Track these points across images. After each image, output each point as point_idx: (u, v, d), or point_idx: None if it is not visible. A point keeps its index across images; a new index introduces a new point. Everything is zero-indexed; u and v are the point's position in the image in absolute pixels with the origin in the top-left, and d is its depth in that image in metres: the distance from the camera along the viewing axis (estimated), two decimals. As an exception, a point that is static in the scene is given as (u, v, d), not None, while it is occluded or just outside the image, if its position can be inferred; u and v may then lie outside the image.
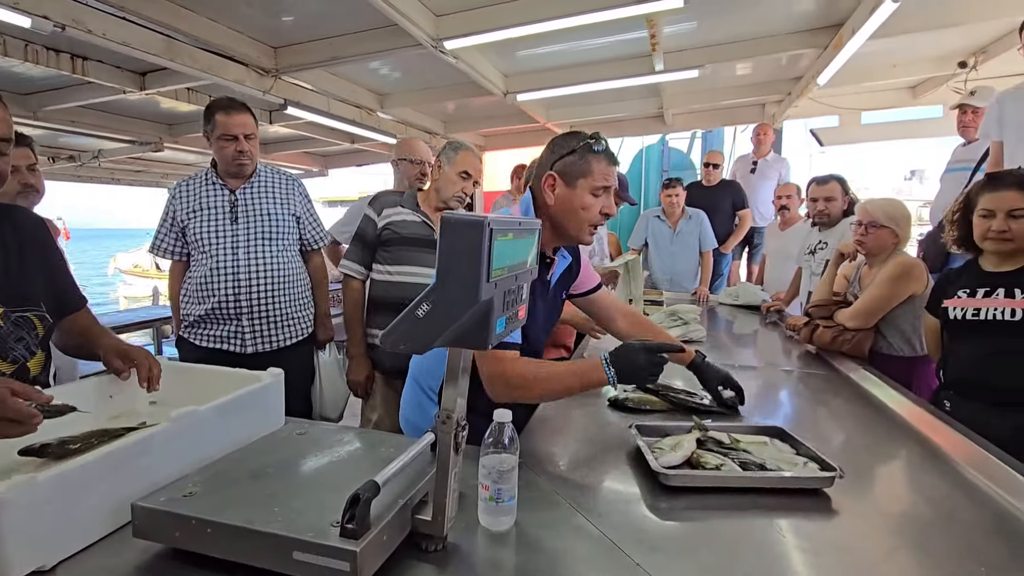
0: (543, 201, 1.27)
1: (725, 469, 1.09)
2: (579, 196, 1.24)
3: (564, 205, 1.25)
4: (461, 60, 3.41)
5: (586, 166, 1.23)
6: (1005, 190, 1.65)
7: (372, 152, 7.07)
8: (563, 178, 1.25)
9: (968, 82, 4.00)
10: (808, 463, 1.13)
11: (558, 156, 1.25)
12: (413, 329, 0.66)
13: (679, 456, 1.13)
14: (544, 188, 1.26)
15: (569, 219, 1.26)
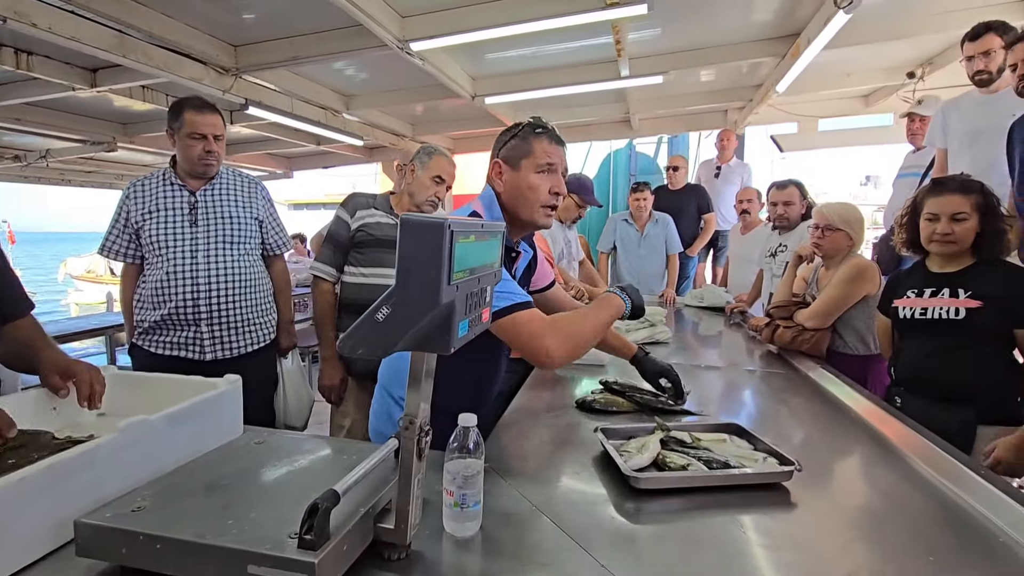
0: (496, 190, 1.27)
1: (692, 468, 1.10)
2: (524, 177, 1.23)
3: (512, 189, 1.25)
4: (428, 62, 3.39)
5: (527, 147, 1.23)
6: (948, 195, 1.73)
7: (338, 154, 6.96)
8: (508, 163, 1.25)
9: (916, 92, 4.20)
10: (767, 458, 1.16)
11: (502, 144, 1.26)
12: (372, 333, 0.64)
13: (646, 458, 1.14)
14: (493, 177, 1.26)
15: (520, 203, 1.25)
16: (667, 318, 2.97)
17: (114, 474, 0.87)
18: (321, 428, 3.42)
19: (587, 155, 7.61)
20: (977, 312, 1.65)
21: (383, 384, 1.46)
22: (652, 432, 1.26)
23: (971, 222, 1.69)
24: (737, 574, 0.83)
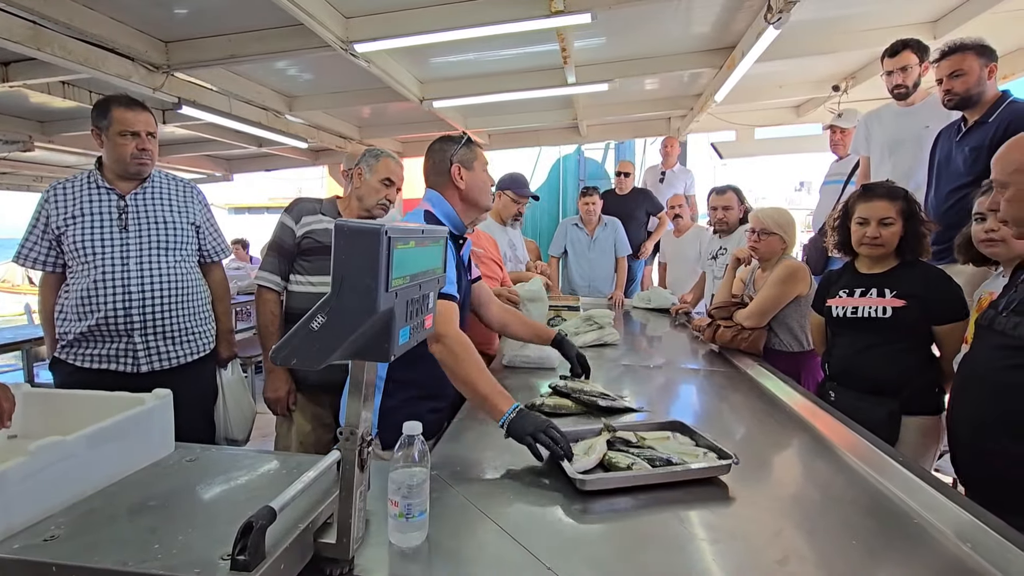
0: (454, 189, 1.58)
1: (636, 467, 1.13)
2: (479, 175, 1.60)
3: (472, 185, 1.59)
4: (374, 64, 3.33)
5: (473, 153, 1.60)
6: (877, 200, 1.85)
7: (282, 156, 6.73)
8: (464, 166, 1.58)
9: (840, 104, 4.48)
10: (707, 453, 1.20)
11: (452, 152, 1.58)
12: (307, 343, 0.62)
13: (593, 460, 1.15)
14: (455, 178, 1.57)
15: (480, 194, 1.61)
16: (616, 320, 3.03)
17: (24, 502, 0.80)
18: (267, 442, 3.29)
19: (537, 160, 7.69)
20: (902, 310, 1.76)
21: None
22: (599, 434, 1.28)
23: (896, 226, 1.81)
24: (679, 569, 0.85)
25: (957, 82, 2.20)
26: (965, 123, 2.27)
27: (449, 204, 1.57)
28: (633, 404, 1.64)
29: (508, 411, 1.22)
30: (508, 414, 1.22)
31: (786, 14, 2.48)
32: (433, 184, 1.61)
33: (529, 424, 1.19)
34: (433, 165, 1.60)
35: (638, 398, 1.76)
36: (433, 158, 1.60)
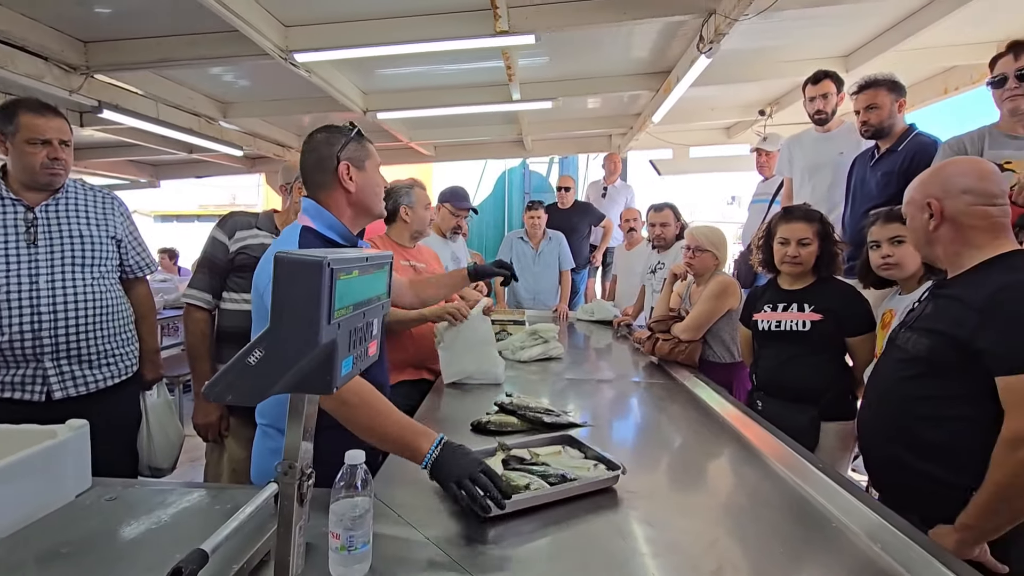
0: (342, 192, 1.32)
1: (534, 486, 1.13)
2: (372, 176, 1.36)
3: (364, 187, 1.34)
4: (315, 74, 3.26)
5: (365, 150, 1.35)
6: (796, 222, 2.00)
7: (214, 163, 6.42)
8: (354, 165, 1.32)
9: (766, 127, 4.80)
10: (597, 464, 1.23)
11: (339, 147, 1.31)
12: (243, 378, 0.60)
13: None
14: (343, 179, 1.31)
15: (372, 198, 1.37)
16: (560, 333, 3.08)
17: (-88, 556, 0.73)
18: (195, 467, 3.10)
19: (483, 173, 7.74)
20: (819, 324, 1.91)
21: (266, 420, 1.36)
22: (494, 454, 1.29)
23: (813, 246, 1.96)
24: (620, 585, 0.87)
25: (872, 115, 2.42)
26: (878, 150, 2.49)
27: (332, 213, 1.30)
28: (577, 419, 1.67)
29: (431, 449, 1.07)
30: (431, 453, 1.07)
31: (716, 44, 2.65)
32: (315, 186, 1.32)
33: (456, 467, 1.04)
34: (315, 162, 1.31)
35: (582, 412, 1.80)
36: (316, 153, 1.31)
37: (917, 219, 1.30)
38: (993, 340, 1.10)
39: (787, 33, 3.31)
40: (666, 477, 1.39)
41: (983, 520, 1.08)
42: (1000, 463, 1.07)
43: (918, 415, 1.23)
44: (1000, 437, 1.07)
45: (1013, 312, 1.10)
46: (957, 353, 1.16)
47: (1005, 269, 1.17)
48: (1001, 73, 1.92)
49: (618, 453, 1.55)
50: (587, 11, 2.66)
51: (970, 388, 1.14)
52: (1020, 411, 1.06)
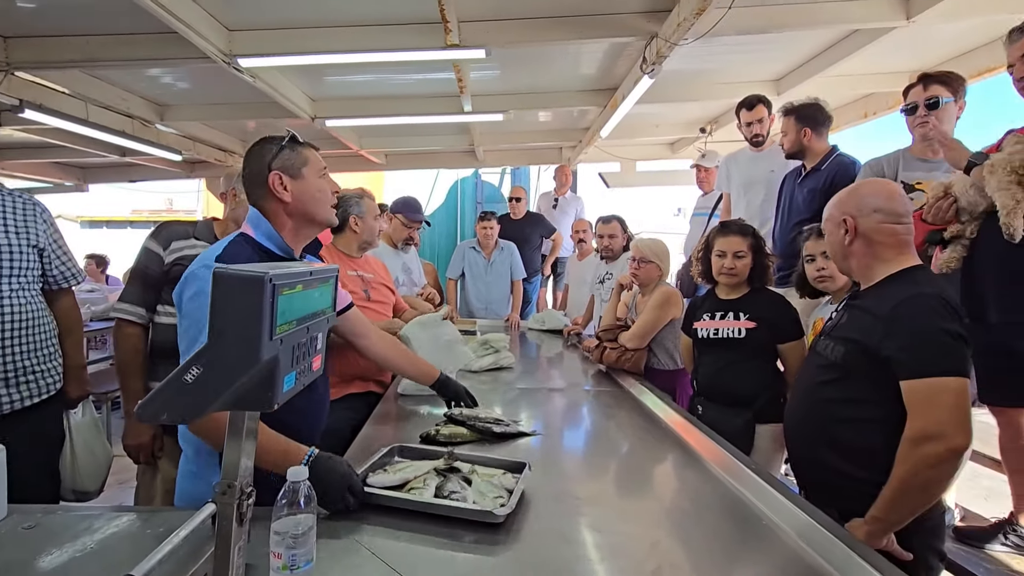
0: (278, 203, 1.28)
1: (415, 493, 1.15)
2: (311, 183, 1.29)
3: (302, 195, 1.28)
4: (260, 80, 3.18)
5: (302, 157, 1.29)
6: (732, 236, 2.11)
7: (149, 167, 6.11)
8: (287, 173, 1.27)
9: (706, 144, 5.04)
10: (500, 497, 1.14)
11: (271, 157, 1.27)
12: (179, 396, 0.58)
13: (395, 479, 1.18)
14: (275, 190, 1.26)
15: (313, 206, 1.30)
16: (512, 342, 3.11)
17: None
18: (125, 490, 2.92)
19: (435, 182, 7.71)
20: (753, 331, 2.02)
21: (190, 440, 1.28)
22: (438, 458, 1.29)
23: (748, 259, 2.08)
24: (565, 591, 0.90)
25: (784, 140, 2.67)
26: (804, 169, 2.67)
27: (273, 224, 1.27)
28: (528, 428, 1.69)
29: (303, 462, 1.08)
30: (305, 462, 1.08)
31: (658, 66, 2.78)
32: (254, 198, 1.29)
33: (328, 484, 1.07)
34: (249, 176, 1.28)
35: (534, 421, 1.82)
36: (250, 166, 1.28)
37: (835, 235, 1.40)
38: (896, 348, 1.20)
39: (724, 57, 3.51)
40: (613, 483, 1.44)
41: (889, 512, 1.17)
42: (903, 460, 1.16)
43: (835, 417, 1.33)
44: (904, 435, 1.17)
45: (913, 322, 1.20)
46: (867, 359, 1.26)
47: (907, 283, 1.29)
48: (913, 102, 2.11)
49: (568, 460, 1.60)
50: (536, 29, 2.73)
51: (879, 392, 1.24)
52: (921, 412, 1.16)
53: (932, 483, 1.15)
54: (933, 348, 1.17)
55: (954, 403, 1.14)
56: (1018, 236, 1.56)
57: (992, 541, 1.84)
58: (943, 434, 1.12)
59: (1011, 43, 1.70)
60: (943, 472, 1.14)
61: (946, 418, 1.13)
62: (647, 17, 2.68)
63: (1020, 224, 1.56)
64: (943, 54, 3.41)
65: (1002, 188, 1.58)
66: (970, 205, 1.72)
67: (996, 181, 1.59)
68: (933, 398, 1.15)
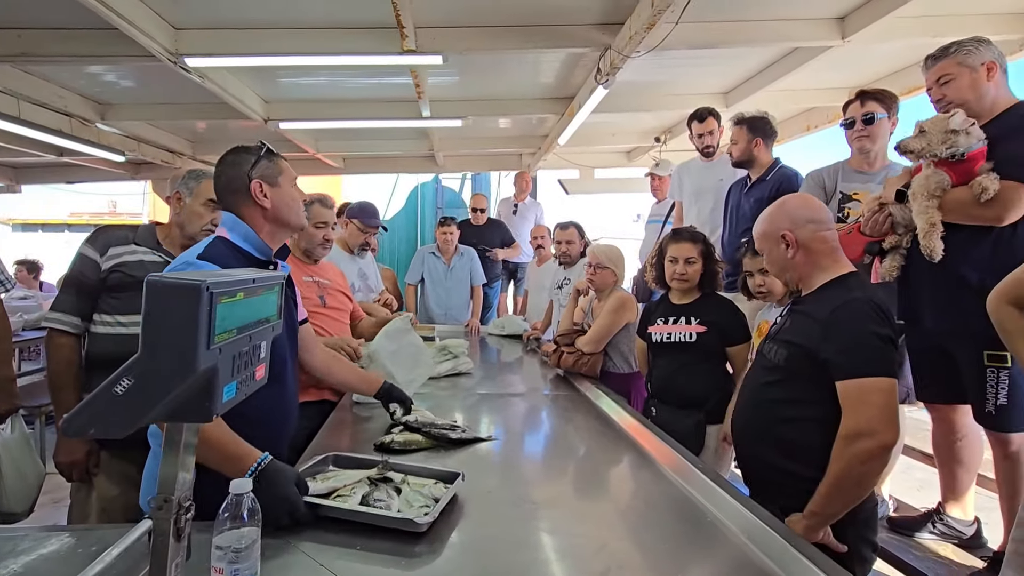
0: (258, 209, 1.37)
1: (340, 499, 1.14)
2: (286, 191, 1.41)
3: (279, 202, 1.39)
4: (210, 80, 3.08)
5: (277, 167, 1.41)
6: (683, 242, 2.18)
7: (88, 168, 5.80)
8: (267, 182, 1.38)
9: (660, 153, 5.19)
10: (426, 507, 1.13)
11: (249, 167, 1.37)
12: (109, 409, 0.56)
13: (322, 487, 1.17)
14: (256, 197, 1.36)
15: (288, 212, 1.42)
16: (472, 347, 3.11)
17: None
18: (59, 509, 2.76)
19: (394, 187, 7.63)
20: (704, 335, 2.09)
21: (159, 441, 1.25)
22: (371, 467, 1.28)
23: (698, 264, 2.15)
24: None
25: (733, 148, 2.80)
26: (750, 179, 2.79)
27: (249, 226, 1.36)
28: (484, 434, 1.70)
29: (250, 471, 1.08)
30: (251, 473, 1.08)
31: (612, 77, 2.85)
32: (228, 204, 1.37)
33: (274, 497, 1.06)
34: (227, 183, 1.37)
35: (495, 426, 1.83)
36: (226, 174, 1.37)
37: (775, 251, 1.46)
38: (833, 350, 1.27)
39: (676, 70, 3.63)
40: (568, 486, 1.46)
41: (826, 506, 1.24)
42: (838, 456, 1.23)
43: (778, 417, 1.39)
44: (839, 433, 1.24)
45: (847, 326, 1.28)
46: (808, 362, 1.33)
47: (842, 289, 1.37)
48: (851, 117, 2.24)
49: (524, 465, 1.62)
50: (492, 37, 2.75)
51: (818, 392, 1.31)
52: (854, 411, 1.23)
53: (864, 477, 1.22)
54: (866, 351, 1.25)
55: (884, 402, 1.21)
56: (937, 256, 1.67)
57: (921, 530, 1.96)
58: (874, 431, 1.19)
59: (927, 69, 1.83)
60: (874, 466, 1.21)
61: (876, 416, 1.20)
62: (601, 29, 2.75)
63: (937, 245, 1.67)
64: (878, 71, 3.63)
65: (920, 212, 1.70)
66: (904, 220, 1.84)
67: (917, 206, 1.71)
68: (865, 397, 1.22)
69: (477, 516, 1.15)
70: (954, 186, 1.68)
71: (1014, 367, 1.67)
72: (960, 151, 1.63)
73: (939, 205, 1.69)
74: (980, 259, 1.69)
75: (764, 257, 1.55)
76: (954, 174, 1.67)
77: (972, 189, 1.63)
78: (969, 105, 1.69)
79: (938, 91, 1.78)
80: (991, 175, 1.62)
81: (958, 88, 1.74)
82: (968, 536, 1.91)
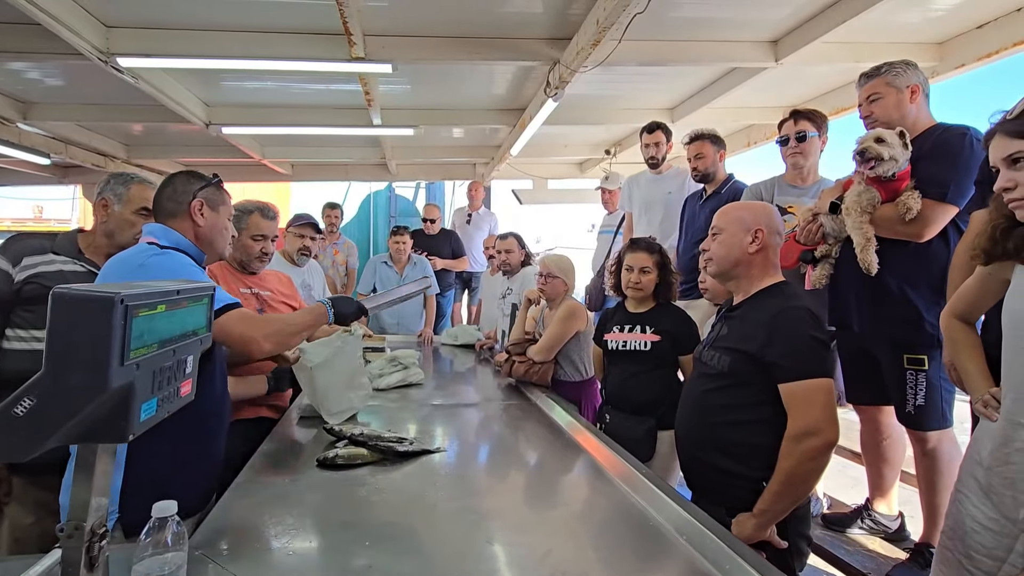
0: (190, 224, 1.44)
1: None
2: (221, 219, 1.50)
3: (212, 226, 1.48)
4: (145, 81, 2.94)
5: (222, 198, 1.51)
6: (639, 252, 2.22)
7: (8, 171, 5.41)
8: (209, 205, 1.47)
9: (612, 164, 5.32)
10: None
11: (198, 187, 1.46)
12: (7, 432, 0.52)
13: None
14: (194, 212, 1.44)
15: (217, 237, 1.50)
16: (425, 357, 3.07)
17: None
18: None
19: (346, 195, 7.49)
20: (658, 344, 2.13)
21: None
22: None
23: (653, 274, 2.20)
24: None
25: (699, 163, 2.89)
26: (705, 192, 2.91)
27: (179, 234, 1.42)
28: (432, 445, 1.67)
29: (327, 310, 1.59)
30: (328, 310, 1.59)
31: (561, 90, 2.91)
32: (165, 215, 1.43)
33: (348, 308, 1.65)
34: (171, 194, 1.43)
35: (449, 437, 1.81)
36: (173, 187, 1.44)
37: (737, 237, 1.47)
38: (778, 354, 1.33)
39: (625, 85, 3.74)
40: (515, 496, 1.46)
41: (774, 503, 1.28)
42: (787, 455, 1.28)
43: (722, 421, 1.43)
44: (787, 434, 1.29)
45: (790, 331, 1.34)
46: (753, 366, 1.37)
47: (779, 296, 1.43)
48: (785, 134, 2.37)
49: (474, 475, 1.61)
50: (442, 47, 2.76)
51: (762, 395, 1.36)
52: (801, 411, 1.28)
53: (812, 474, 1.28)
54: (808, 353, 1.31)
55: (826, 401, 1.28)
56: (874, 270, 1.77)
57: (852, 525, 2.08)
58: (819, 429, 1.25)
59: (860, 86, 1.96)
60: (821, 463, 1.28)
61: (821, 415, 1.26)
62: (549, 44, 2.80)
63: (873, 259, 1.78)
64: (809, 92, 3.86)
65: (855, 228, 1.80)
66: (834, 231, 1.95)
67: (851, 222, 1.81)
68: (811, 398, 1.28)
69: (421, 530, 1.13)
70: (883, 203, 1.79)
71: (931, 370, 1.80)
72: (892, 171, 1.74)
73: (870, 220, 1.80)
74: (900, 269, 1.82)
75: (718, 237, 1.52)
76: (884, 191, 1.79)
77: (897, 208, 1.75)
78: (892, 124, 1.81)
79: (867, 108, 1.91)
80: (915, 193, 1.74)
81: (884, 107, 1.87)
82: (893, 530, 2.04)
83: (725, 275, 1.53)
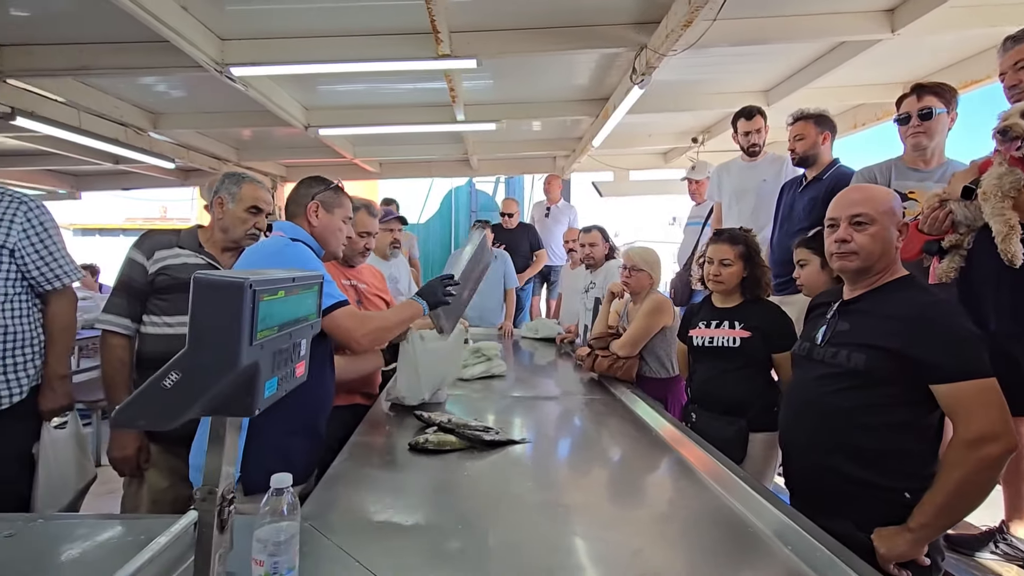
0: (306, 224, 1.60)
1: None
2: (335, 221, 1.63)
3: (325, 227, 1.62)
4: (253, 88, 3.19)
5: (338, 200, 1.64)
6: (721, 244, 2.11)
7: (143, 175, 6.10)
8: (324, 207, 1.61)
9: (699, 153, 5.08)
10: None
11: (316, 191, 1.61)
12: (156, 402, 0.58)
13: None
14: (309, 213, 1.59)
15: (329, 237, 1.63)
16: (505, 350, 3.11)
17: None
18: (115, 499, 2.88)
19: (429, 191, 7.73)
20: (747, 340, 2.01)
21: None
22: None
23: (735, 267, 2.07)
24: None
25: (799, 144, 2.64)
26: (805, 179, 2.69)
27: (302, 229, 1.59)
28: (517, 436, 1.69)
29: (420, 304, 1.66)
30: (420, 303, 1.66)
31: (648, 76, 2.80)
32: (290, 214, 1.62)
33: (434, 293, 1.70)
34: (294, 196, 1.62)
35: (528, 429, 1.82)
36: (297, 191, 1.63)
37: (888, 231, 1.34)
38: (931, 352, 1.19)
39: (714, 68, 3.55)
40: (601, 491, 1.43)
41: (938, 518, 1.15)
42: (958, 463, 1.14)
43: (854, 424, 1.29)
44: (957, 439, 1.15)
45: (946, 326, 1.20)
46: (896, 364, 1.23)
47: (916, 289, 1.30)
48: (906, 112, 2.12)
49: (557, 469, 1.60)
50: (526, 40, 2.76)
51: (906, 396, 1.23)
52: (975, 414, 1.14)
53: (987, 484, 1.15)
54: (970, 351, 1.18)
55: (1001, 403, 1.15)
56: (1018, 261, 1.53)
57: (982, 549, 1.84)
58: (999, 434, 1.12)
59: (1005, 51, 1.71)
60: (997, 474, 1.14)
61: (999, 418, 1.14)
62: (636, 28, 2.71)
63: (1018, 249, 1.54)
64: (931, 66, 3.46)
65: (996, 214, 1.57)
66: (967, 219, 1.72)
67: (990, 208, 1.58)
68: (984, 399, 1.15)
69: (509, 518, 1.14)
70: None
71: (1087, 377, 1.55)
72: None
73: (1013, 206, 1.57)
74: None
75: (868, 229, 1.34)
76: None
77: None
78: None
79: (1013, 76, 1.66)
80: None
81: None
82: (1034, 557, 1.79)
83: (867, 271, 1.36)
